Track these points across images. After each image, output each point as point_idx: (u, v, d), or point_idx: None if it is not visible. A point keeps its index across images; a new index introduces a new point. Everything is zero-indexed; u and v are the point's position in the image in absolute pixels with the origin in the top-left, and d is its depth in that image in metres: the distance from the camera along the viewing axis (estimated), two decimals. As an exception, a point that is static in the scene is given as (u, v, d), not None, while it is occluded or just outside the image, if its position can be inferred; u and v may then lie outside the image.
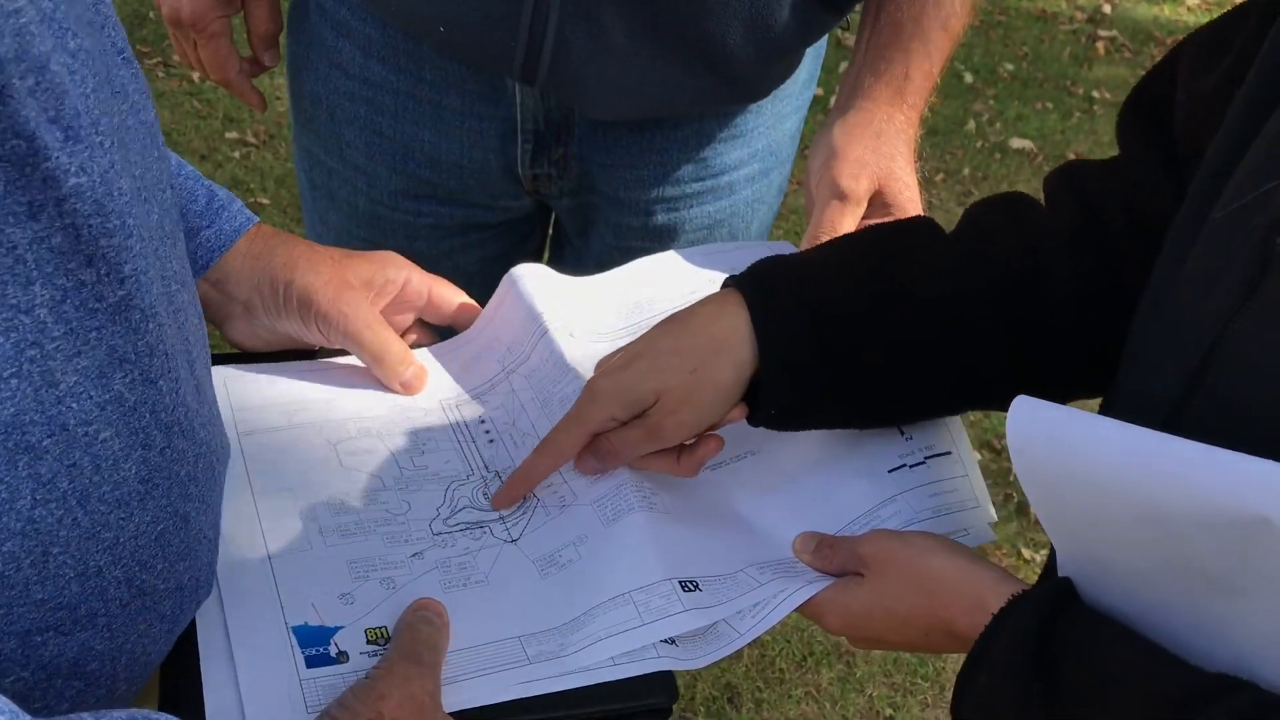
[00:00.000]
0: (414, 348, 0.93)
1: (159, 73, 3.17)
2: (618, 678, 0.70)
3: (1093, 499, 0.56)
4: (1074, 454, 0.55)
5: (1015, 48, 3.90)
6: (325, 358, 0.92)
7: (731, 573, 0.77)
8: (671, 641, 0.72)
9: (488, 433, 0.87)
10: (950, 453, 0.87)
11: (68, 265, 0.51)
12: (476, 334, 0.94)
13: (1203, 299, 0.59)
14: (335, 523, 0.78)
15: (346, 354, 0.91)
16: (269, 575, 0.73)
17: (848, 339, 0.78)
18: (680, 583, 0.74)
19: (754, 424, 0.81)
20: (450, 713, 0.67)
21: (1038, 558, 2.19)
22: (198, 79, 3.11)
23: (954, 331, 0.79)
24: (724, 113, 1.16)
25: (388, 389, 0.89)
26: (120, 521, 0.56)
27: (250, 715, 0.66)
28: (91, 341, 0.52)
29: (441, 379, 0.91)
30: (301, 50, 1.19)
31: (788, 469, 0.87)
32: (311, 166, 1.25)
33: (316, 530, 0.77)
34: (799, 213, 2.77)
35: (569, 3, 0.99)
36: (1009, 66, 3.79)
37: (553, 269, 1.33)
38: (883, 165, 1.01)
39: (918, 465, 0.86)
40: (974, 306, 0.79)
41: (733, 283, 0.81)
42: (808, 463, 0.87)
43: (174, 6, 1.14)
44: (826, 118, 1.08)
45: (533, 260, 1.33)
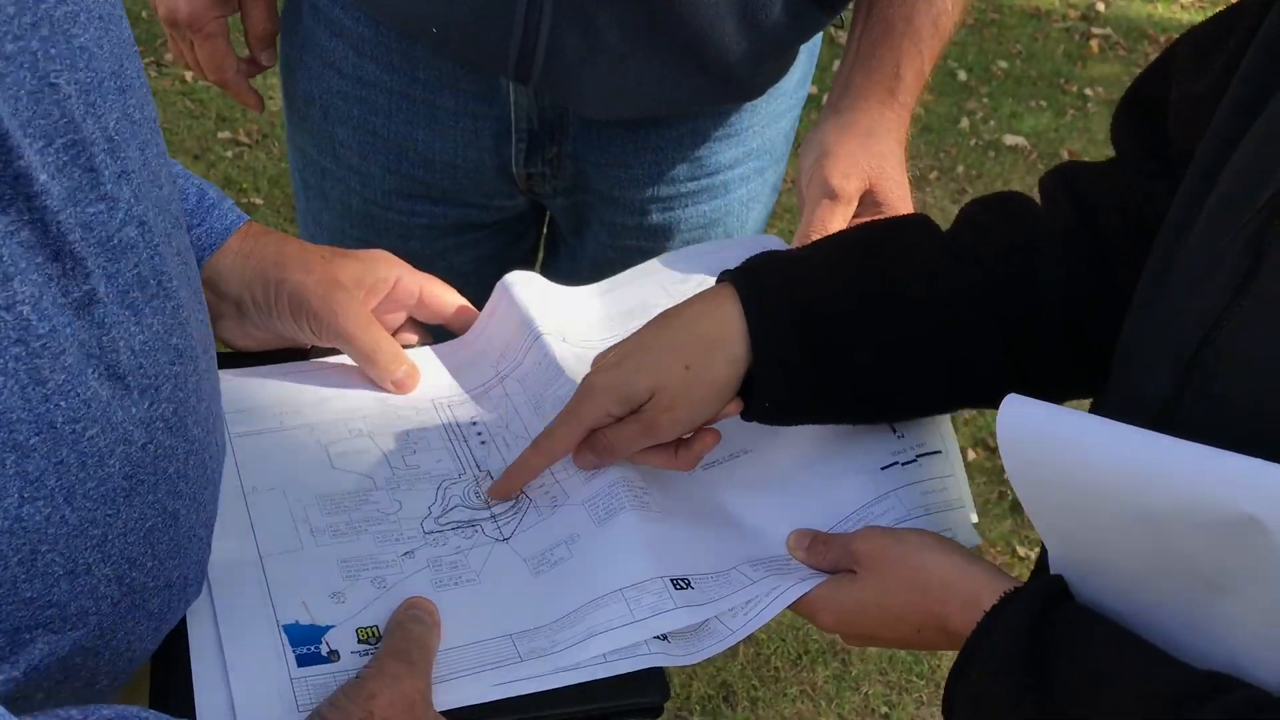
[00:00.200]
0: (405, 347, 0.93)
1: (151, 72, 3.17)
2: (610, 674, 0.70)
3: (1083, 497, 0.56)
4: (1064, 452, 0.56)
5: (1009, 45, 3.90)
6: (317, 357, 0.92)
7: (724, 570, 0.77)
8: (664, 638, 0.72)
9: (479, 434, 0.87)
10: (940, 452, 0.88)
11: (35, 259, 0.51)
12: (470, 340, 0.94)
13: (1192, 298, 0.59)
14: (326, 522, 0.78)
15: (338, 353, 0.90)
16: (260, 574, 0.73)
17: (840, 336, 0.78)
18: (672, 580, 0.74)
19: (748, 419, 0.82)
20: (442, 711, 0.67)
21: (1032, 555, 2.20)
22: (190, 78, 3.11)
23: (947, 330, 0.79)
24: (718, 111, 1.16)
25: (379, 389, 0.89)
26: (108, 518, 0.56)
27: (241, 714, 0.66)
28: (69, 337, 0.52)
29: (434, 380, 0.91)
30: (295, 50, 1.19)
31: (781, 467, 0.87)
32: (305, 166, 1.25)
33: (308, 530, 0.77)
34: (794, 211, 2.77)
35: (563, 3, 0.99)
36: (1003, 64, 3.79)
37: (547, 270, 1.35)
38: (873, 164, 1.01)
39: (909, 463, 0.87)
40: (967, 305, 0.79)
41: (726, 278, 0.81)
42: (801, 460, 0.87)
43: (171, 7, 1.14)
44: (818, 116, 1.08)
45: (527, 259, 1.34)
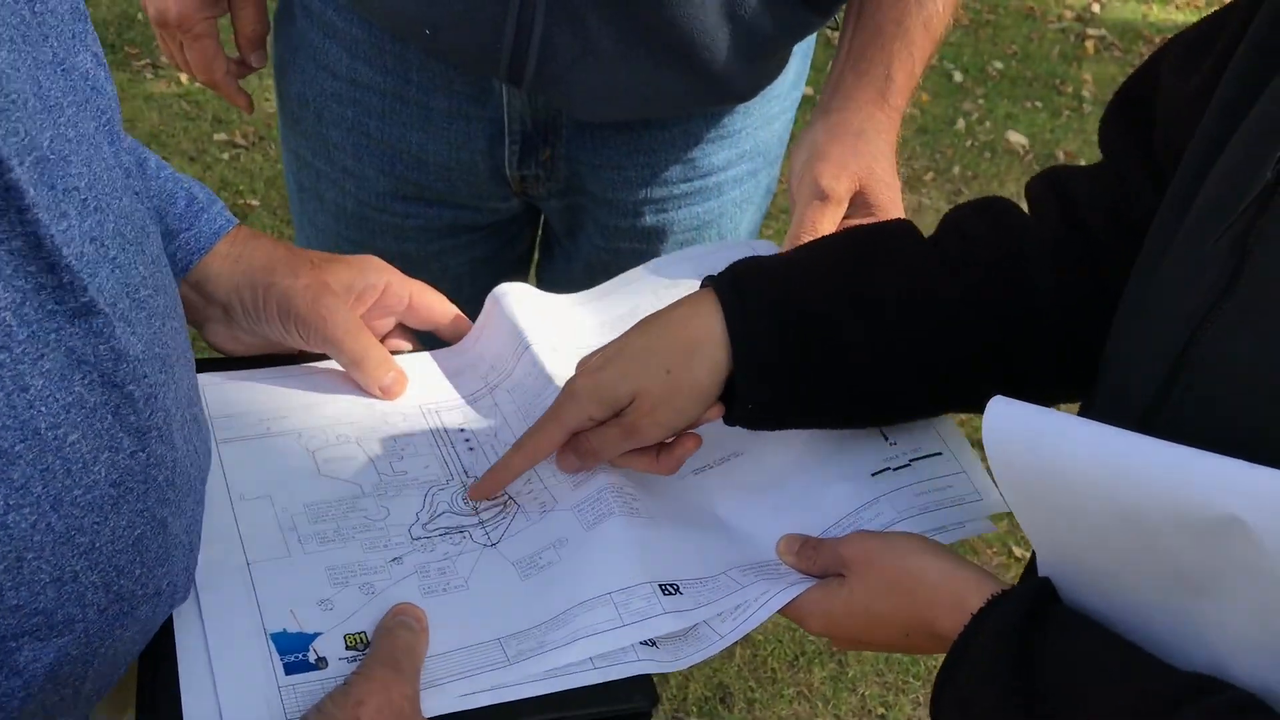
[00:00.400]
0: (394, 354, 0.93)
1: (147, 74, 3.17)
2: (597, 681, 0.70)
3: (1069, 499, 0.56)
4: (1049, 454, 0.56)
5: (1004, 46, 3.91)
6: (305, 362, 0.91)
7: (713, 575, 0.77)
8: (652, 643, 0.72)
9: (467, 440, 0.87)
10: (940, 453, 0.88)
11: (27, 268, 0.50)
12: (461, 350, 0.94)
13: (1178, 301, 0.59)
14: (313, 530, 0.77)
15: (326, 359, 0.90)
16: (247, 582, 0.73)
17: (822, 342, 0.78)
18: (660, 585, 0.74)
19: (730, 424, 0.82)
20: (429, 718, 0.66)
21: (1028, 555, 2.19)
22: (186, 81, 3.11)
23: (930, 336, 0.79)
24: (712, 113, 1.16)
25: (367, 394, 0.89)
26: (95, 526, 0.56)
27: None
28: (51, 343, 0.52)
29: (422, 386, 0.91)
30: (288, 52, 1.19)
31: (771, 472, 0.87)
32: (299, 168, 1.25)
33: (295, 537, 0.76)
34: (789, 213, 2.78)
35: (555, 5, 0.99)
36: (998, 65, 3.79)
37: (541, 272, 1.35)
38: (864, 165, 1.01)
39: (902, 468, 0.87)
40: (952, 312, 0.79)
41: (709, 283, 0.82)
42: (791, 465, 0.87)
43: (160, 8, 1.14)
44: (810, 118, 1.08)
45: (522, 261, 1.34)
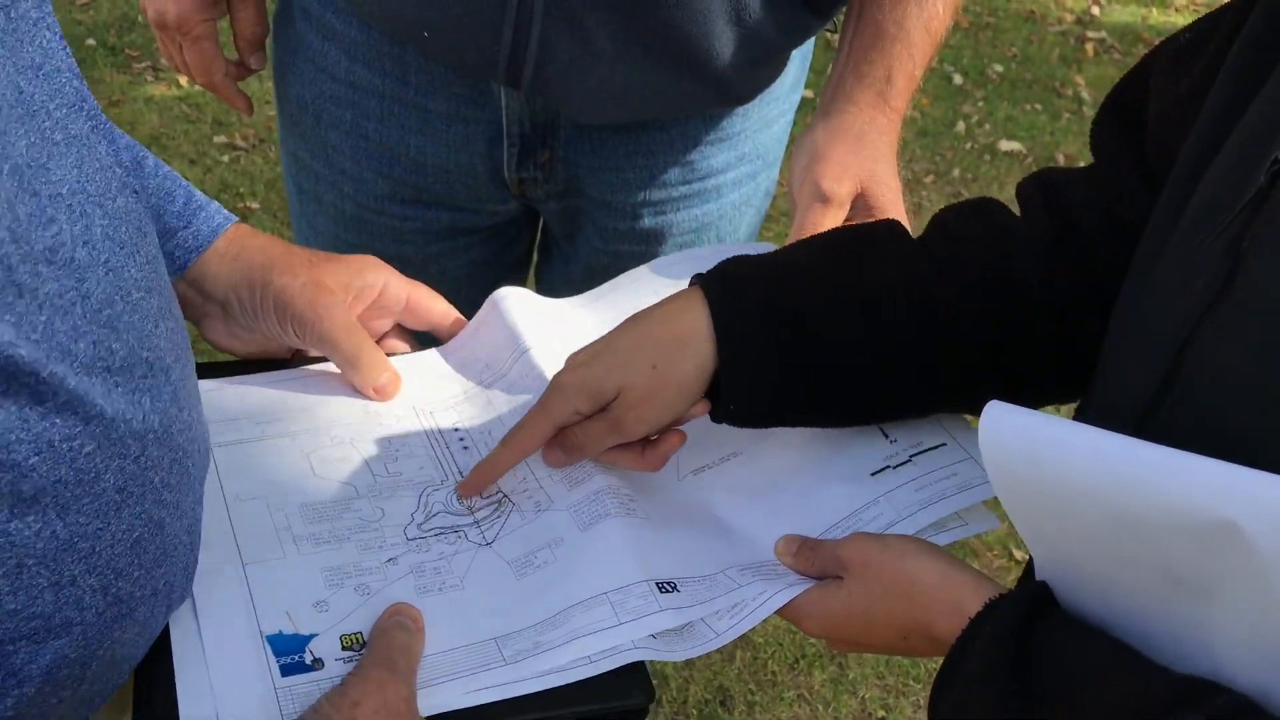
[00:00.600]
0: (391, 354, 0.93)
1: (147, 77, 3.17)
2: (595, 674, 0.70)
3: (1065, 504, 0.56)
4: (1046, 459, 0.55)
5: (1004, 49, 3.91)
6: (301, 361, 0.91)
7: (711, 574, 0.77)
8: (650, 636, 0.72)
9: (462, 440, 0.87)
10: (944, 444, 0.87)
11: (4, 298, 0.50)
12: (455, 349, 0.94)
13: (1172, 304, 0.59)
14: (308, 531, 0.77)
15: (322, 359, 0.90)
16: (243, 584, 0.73)
17: (809, 339, 0.78)
18: (657, 584, 0.74)
19: (716, 420, 0.82)
20: (426, 717, 0.66)
21: (1029, 558, 2.19)
22: (186, 83, 3.11)
23: (920, 335, 0.79)
24: (710, 116, 1.16)
25: (361, 396, 0.89)
26: (97, 531, 0.56)
27: None
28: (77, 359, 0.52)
29: (417, 387, 0.91)
30: (287, 54, 1.19)
31: (770, 472, 0.87)
32: (298, 171, 1.25)
33: (290, 539, 0.76)
34: (789, 215, 2.77)
35: (552, 7, 0.99)
36: (998, 68, 3.79)
37: (540, 275, 1.35)
38: (865, 167, 1.01)
39: (903, 464, 0.86)
40: (940, 311, 0.79)
41: (697, 280, 0.82)
42: (790, 466, 0.87)
43: (159, 10, 1.14)
44: (810, 120, 1.08)
45: (521, 264, 1.34)
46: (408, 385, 0.90)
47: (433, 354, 0.95)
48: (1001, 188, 3.23)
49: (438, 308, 0.94)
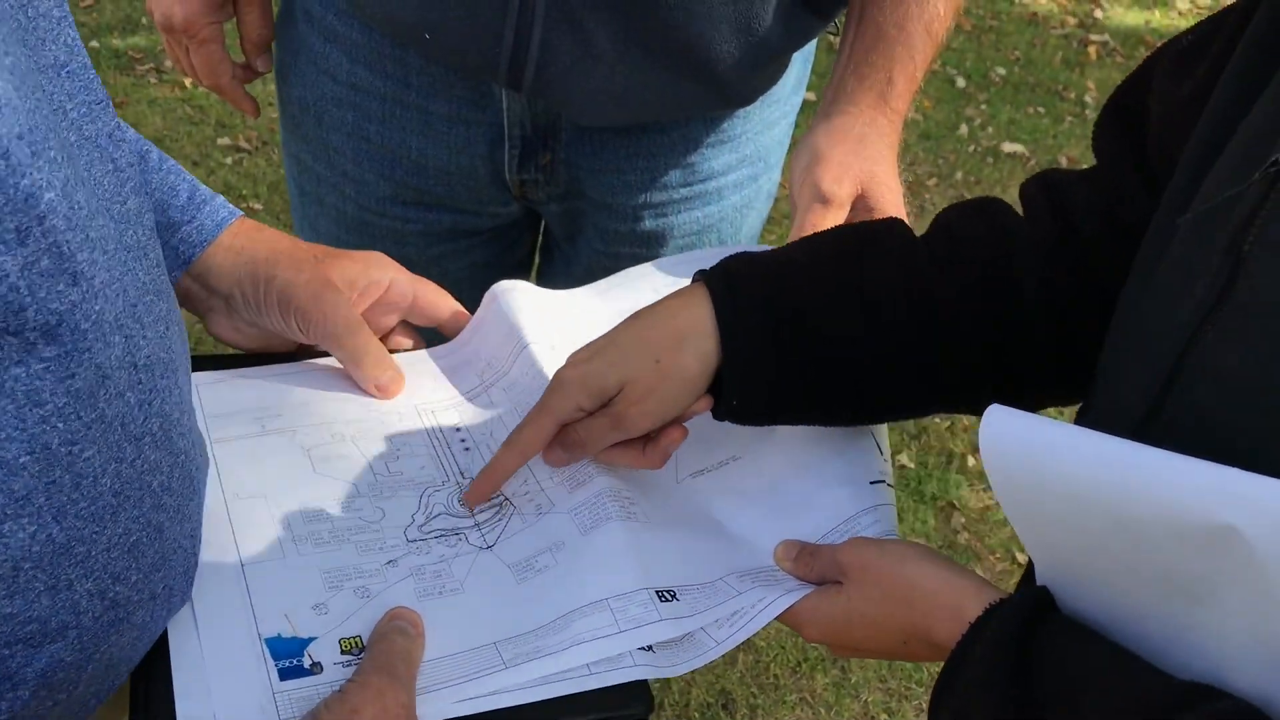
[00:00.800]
0: (398, 351, 0.93)
1: (151, 79, 3.17)
2: (594, 686, 0.70)
3: (1065, 508, 0.56)
4: (1046, 463, 0.55)
5: (1007, 52, 3.91)
6: (306, 356, 0.91)
7: (710, 581, 0.77)
8: (648, 648, 0.72)
9: (463, 440, 0.87)
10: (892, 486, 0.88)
11: (56, 288, 0.50)
12: (457, 347, 0.94)
13: (1173, 307, 0.59)
14: (308, 531, 0.77)
15: (326, 354, 0.90)
16: (242, 585, 0.72)
17: (811, 336, 0.78)
18: (657, 592, 0.74)
19: (718, 417, 0.81)
20: None
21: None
22: (190, 85, 3.11)
23: (921, 334, 0.78)
24: (711, 118, 1.16)
25: (363, 393, 0.88)
26: (94, 535, 0.56)
27: None
28: (84, 363, 0.52)
29: (418, 386, 0.91)
30: (289, 56, 1.19)
31: (769, 476, 0.86)
32: (300, 173, 1.25)
33: (290, 539, 0.76)
34: (791, 218, 2.77)
35: (553, 9, 0.99)
36: (1001, 71, 3.79)
37: (542, 277, 1.35)
38: (865, 169, 1.01)
39: (892, 486, 0.87)
40: (941, 310, 0.78)
41: (700, 277, 0.82)
42: (789, 470, 0.87)
43: (166, 13, 1.14)
44: (811, 122, 1.08)
45: (522, 266, 1.34)
46: (410, 384, 0.90)
47: (435, 352, 0.94)
48: (1004, 190, 3.23)
49: (444, 305, 0.93)
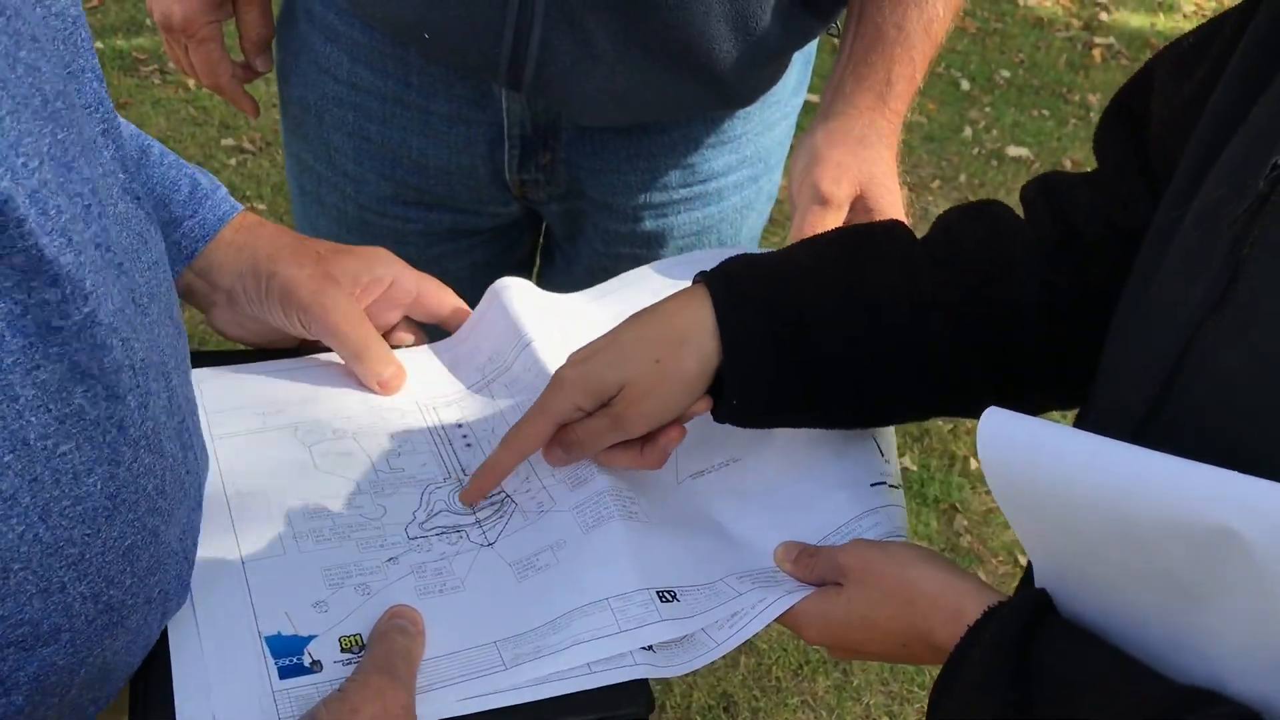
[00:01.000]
0: (400, 347, 0.93)
1: (155, 80, 3.18)
2: (594, 686, 0.70)
3: (1064, 510, 0.56)
4: (1044, 465, 0.55)
5: (1012, 55, 3.91)
6: (308, 352, 0.91)
7: (710, 582, 0.77)
8: (649, 648, 0.72)
9: (465, 437, 0.86)
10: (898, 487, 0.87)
11: (30, 283, 0.49)
12: (458, 341, 0.94)
13: (1173, 308, 0.58)
14: (309, 527, 0.77)
15: (329, 350, 0.90)
16: (243, 582, 0.72)
17: (812, 338, 0.78)
18: (658, 592, 0.74)
19: (718, 419, 0.81)
20: None
21: (1033, 565, 2.18)
22: (194, 86, 3.12)
23: (921, 337, 0.78)
24: (712, 118, 1.16)
25: (365, 389, 0.88)
26: (86, 538, 0.55)
27: None
28: (53, 356, 0.51)
29: (420, 382, 0.90)
30: (289, 56, 1.19)
31: (770, 477, 0.86)
32: (301, 172, 1.25)
33: (291, 535, 0.76)
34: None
35: (553, 9, 0.99)
36: (1005, 73, 3.79)
37: (543, 278, 1.35)
38: (864, 170, 1.01)
39: (895, 487, 0.86)
40: (943, 313, 0.78)
41: (700, 278, 0.81)
42: (790, 472, 0.86)
43: (165, 12, 1.14)
44: (810, 123, 1.08)
45: (523, 266, 1.34)
46: (412, 380, 0.89)
47: (437, 347, 0.94)
48: (1008, 193, 3.22)
49: (447, 302, 0.93)
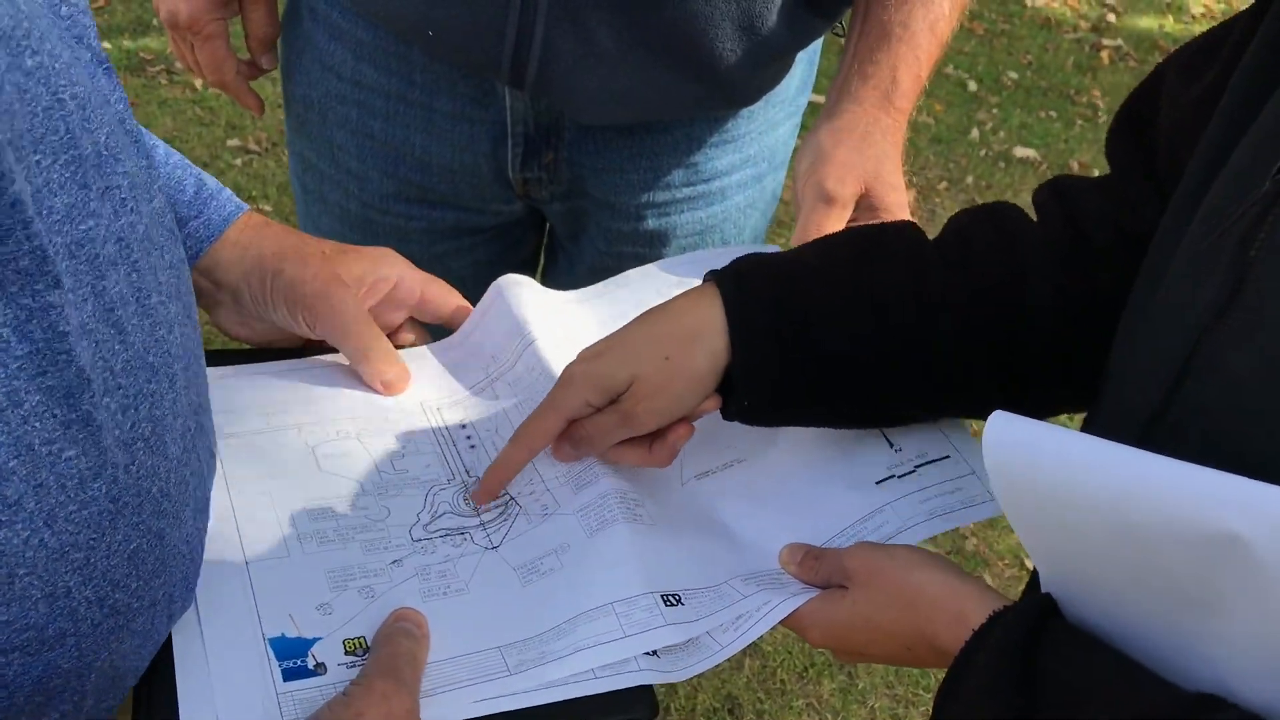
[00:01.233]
0: (404, 347, 0.92)
1: (162, 80, 3.18)
2: (599, 690, 0.69)
3: (1069, 515, 0.55)
4: (1049, 469, 0.54)
5: (1019, 56, 3.90)
6: (312, 352, 0.91)
7: (715, 585, 0.76)
8: (653, 653, 0.71)
9: (469, 437, 0.86)
10: (948, 457, 0.87)
11: (34, 287, 0.49)
12: (460, 340, 0.93)
13: (1181, 310, 0.58)
14: (313, 529, 0.76)
15: (333, 350, 0.89)
16: (247, 584, 0.72)
17: (822, 338, 0.77)
18: (662, 596, 0.73)
19: (727, 418, 0.81)
20: None
21: (1039, 568, 2.18)
22: (200, 86, 3.12)
23: (930, 338, 0.78)
24: (715, 118, 1.15)
25: (369, 390, 0.88)
26: (90, 542, 0.55)
27: None
28: (60, 362, 0.51)
29: (423, 382, 0.90)
30: (294, 54, 1.19)
31: (775, 478, 0.86)
32: (304, 170, 1.25)
33: (295, 537, 0.75)
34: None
35: (556, 7, 0.99)
36: (1013, 75, 3.78)
37: (546, 277, 1.35)
38: (869, 168, 1.00)
39: (907, 474, 0.86)
40: (953, 314, 0.78)
41: (711, 277, 0.81)
42: (795, 473, 0.86)
43: (171, 9, 1.15)
44: (815, 121, 1.07)
45: (527, 266, 1.33)
46: (415, 380, 0.89)
47: (437, 346, 0.94)
48: (1015, 194, 3.22)
49: (452, 302, 0.93)
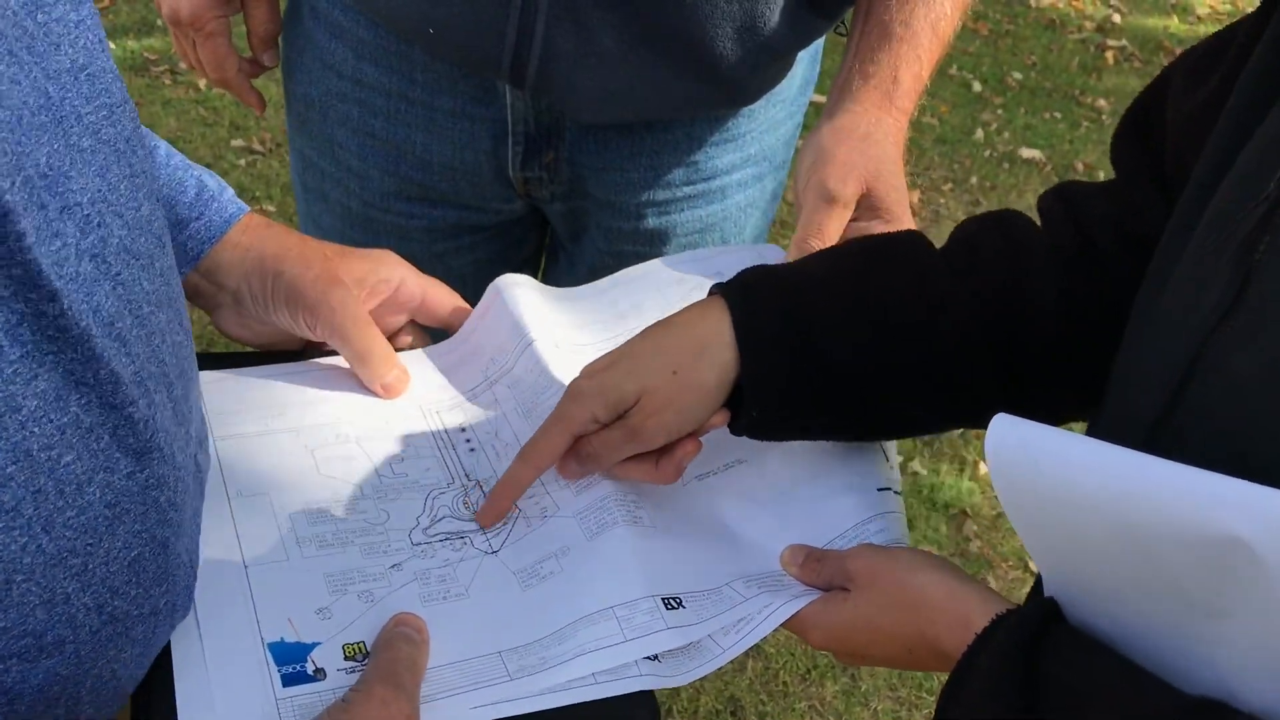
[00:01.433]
0: (402, 349, 0.92)
1: (165, 80, 3.19)
2: (600, 696, 0.69)
3: (1072, 518, 0.55)
4: (1052, 473, 0.54)
5: (1024, 57, 3.89)
6: (312, 354, 0.90)
7: (716, 587, 0.76)
8: (654, 657, 0.71)
9: (469, 441, 0.86)
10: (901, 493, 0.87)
11: (27, 294, 0.49)
12: (459, 342, 0.93)
13: (1185, 314, 0.58)
14: (312, 533, 0.76)
15: (333, 353, 0.89)
16: (246, 589, 0.71)
17: (829, 350, 0.77)
18: (663, 600, 0.73)
19: (736, 432, 0.80)
20: None
21: (1043, 570, 2.17)
22: (204, 86, 3.12)
23: (939, 348, 0.78)
24: (716, 117, 1.15)
25: (368, 393, 0.88)
26: (88, 548, 0.55)
27: None
28: (48, 364, 0.51)
29: (423, 385, 0.90)
30: (295, 52, 1.19)
31: (776, 480, 0.86)
32: (305, 168, 1.25)
33: (294, 540, 0.75)
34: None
35: (556, 6, 0.99)
36: (1017, 75, 3.78)
37: (547, 277, 1.35)
38: (870, 168, 1.00)
39: (899, 494, 0.86)
40: (961, 324, 0.78)
41: (718, 289, 0.81)
42: (796, 475, 0.86)
43: (173, 6, 1.15)
44: (816, 121, 1.07)
45: (528, 265, 1.33)
46: (415, 383, 0.89)
47: (439, 349, 0.94)
48: (1020, 195, 3.22)
49: (455, 306, 0.93)
